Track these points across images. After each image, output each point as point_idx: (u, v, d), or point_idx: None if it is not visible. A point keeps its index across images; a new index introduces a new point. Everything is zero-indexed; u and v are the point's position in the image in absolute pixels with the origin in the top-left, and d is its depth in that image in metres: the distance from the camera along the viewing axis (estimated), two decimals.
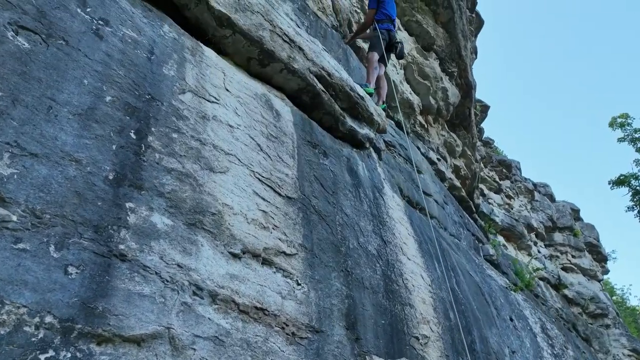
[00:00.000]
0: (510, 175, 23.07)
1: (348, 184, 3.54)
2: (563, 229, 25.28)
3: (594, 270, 25.77)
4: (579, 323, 22.01)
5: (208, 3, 3.12)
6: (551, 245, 24.25)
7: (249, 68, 3.57)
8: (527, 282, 17.32)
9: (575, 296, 22.94)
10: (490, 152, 21.96)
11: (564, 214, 26.18)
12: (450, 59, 9.25)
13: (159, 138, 2.08)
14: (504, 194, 22.24)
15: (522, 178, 24.31)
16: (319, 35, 4.88)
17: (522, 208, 22.91)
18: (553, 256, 24.24)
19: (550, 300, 19.78)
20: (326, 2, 5.20)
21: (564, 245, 24.74)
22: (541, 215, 24.25)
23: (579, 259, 25.15)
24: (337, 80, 4.03)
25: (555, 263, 24.16)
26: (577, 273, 24.80)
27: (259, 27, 3.42)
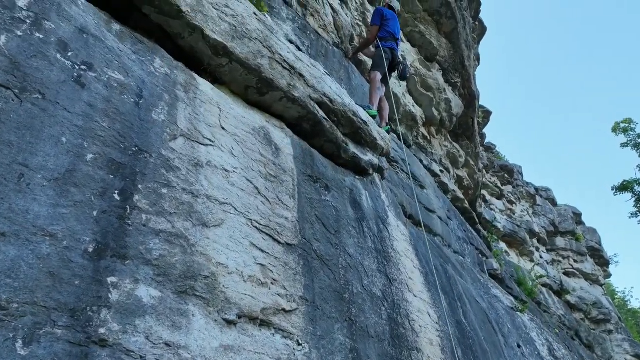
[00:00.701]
0: (512, 181, 22.90)
1: (351, 220, 3.36)
2: (565, 234, 25.13)
3: (596, 275, 25.62)
4: (582, 329, 21.84)
5: (203, 32, 2.94)
6: (553, 250, 24.10)
7: (246, 97, 3.39)
8: (530, 290, 17.18)
9: (578, 302, 22.78)
10: (492, 158, 21.80)
11: (566, 218, 26.04)
12: (453, 70, 9.07)
13: (147, 196, 1.89)
14: (505, 200, 22.08)
15: (524, 183, 24.16)
16: (320, 54, 4.70)
17: (524, 213, 22.76)
18: (555, 261, 24.08)
19: (553, 307, 19.62)
20: (327, 19, 5.02)
21: (566, 250, 24.57)
22: (543, 220, 24.09)
23: (581, 264, 24.99)
24: (339, 106, 3.84)
25: (557, 268, 24.01)
26: (579, 278, 24.64)
27: (257, 55, 3.24)
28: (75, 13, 2.18)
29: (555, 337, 8.20)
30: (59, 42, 1.93)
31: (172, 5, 2.80)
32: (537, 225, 22.45)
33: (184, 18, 2.86)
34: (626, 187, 20.14)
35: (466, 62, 9.07)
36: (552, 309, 18.78)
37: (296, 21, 4.45)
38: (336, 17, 5.18)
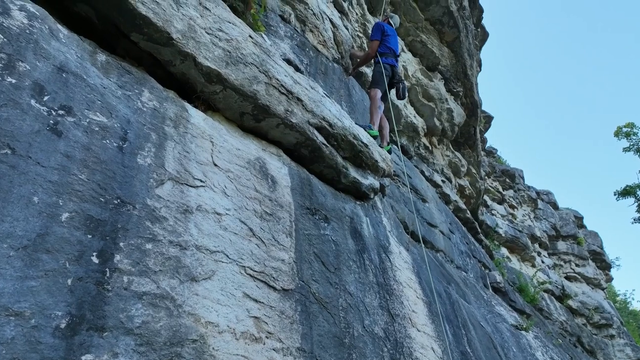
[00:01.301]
0: (513, 185, 22.75)
1: (352, 253, 3.20)
2: (567, 238, 25.00)
3: (597, 279, 25.50)
4: (584, 335, 21.70)
5: (195, 59, 2.78)
6: (555, 254, 23.97)
7: (242, 123, 3.24)
8: (532, 297, 17.04)
9: (580, 307, 22.66)
10: (494, 162, 21.65)
11: (568, 222, 25.91)
12: (455, 79, 8.91)
13: (129, 254, 1.73)
14: (507, 204, 21.95)
15: (525, 187, 24.02)
16: (319, 71, 4.54)
17: (525, 218, 22.63)
18: (557, 265, 23.96)
19: (555, 313, 19.48)
20: (327, 34, 4.86)
21: (568, 254, 24.45)
22: (544, 224, 23.97)
23: (582, 268, 24.86)
24: (339, 130, 3.69)
25: (559, 272, 23.89)
26: (580, 282, 24.53)
27: (253, 81, 3.08)
28: (55, 49, 2.03)
29: (560, 352, 8.04)
30: (34, 85, 1.77)
31: (161, 33, 2.64)
32: (538, 230, 22.31)
33: (174, 46, 2.70)
34: (629, 192, 19.97)
35: (468, 71, 8.91)
36: (554, 315, 18.64)
37: (294, 38, 4.29)
38: (336, 31, 5.02)
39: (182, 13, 2.83)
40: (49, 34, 2.07)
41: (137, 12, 2.54)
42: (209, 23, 2.98)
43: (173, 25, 2.69)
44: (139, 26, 2.60)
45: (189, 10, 2.89)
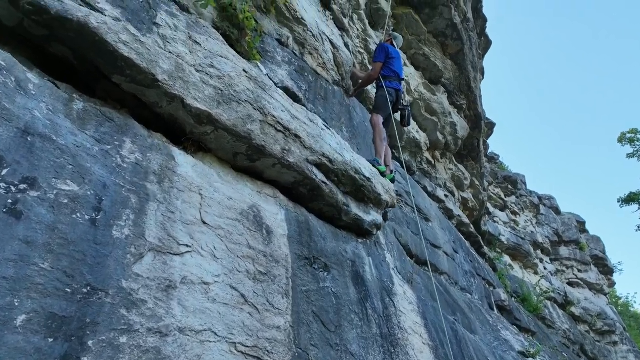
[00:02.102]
0: (515, 191, 22.54)
1: (354, 304, 2.97)
2: (569, 243, 24.81)
3: (600, 284, 25.31)
4: (587, 342, 21.47)
5: (183, 101, 2.56)
6: (557, 260, 23.78)
7: (235, 163, 3.01)
8: (535, 306, 16.84)
9: (582, 313, 22.46)
10: (496, 169, 21.43)
11: (570, 227, 25.72)
12: (459, 92, 8.69)
13: (99, 354, 1.50)
14: (509, 211, 21.75)
15: (527, 192, 23.82)
16: (318, 97, 4.31)
17: (527, 224, 22.43)
18: (559, 271, 23.76)
19: (558, 321, 19.28)
20: (326, 56, 4.63)
21: (570, 260, 24.26)
22: (547, 229, 23.77)
23: (585, 274, 24.66)
24: (340, 165, 3.46)
25: (561, 278, 23.70)
26: (583, 288, 24.34)
27: (247, 120, 2.85)
28: (20, 107, 1.80)
29: None
30: None
31: (146, 75, 2.42)
32: (540, 236, 22.11)
33: (160, 88, 2.47)
34: (632, 199, 19.74)
35: (472, 83, 8.69)
36: (557, 323, 18.43)
37: (292, 63, 4.06)
38: (336, 53, 4.79)
39: (169, 50, 2.61)
40: (14, 89, 1.84)
41: (118, 54, 2.31)
42: (199, 59, 2.75)
43: (159, 66, 2.46)
44: (120, 68, 2.37)
45: (177, 46, 2.67)
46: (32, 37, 2.26)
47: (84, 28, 2.21)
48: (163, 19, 2.72)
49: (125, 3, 2.58)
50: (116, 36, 2.31)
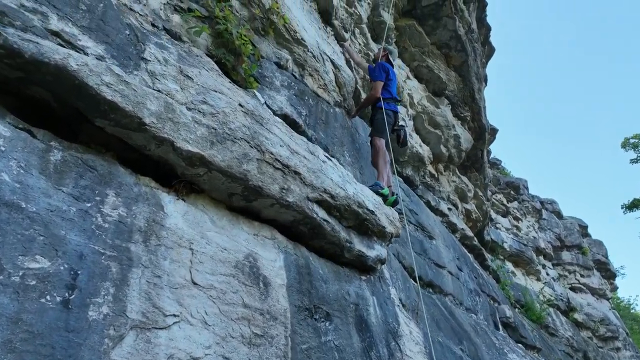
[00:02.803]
0: (517, 197, 22.36)
1: (357, 355, 2.77)
2: (571, 248, 24.66)
3: (602, 289, 25.17)
4: (590, 349, 21.30)
5: (173, 144, 2.35)
6: (559, 265, 23.63)
7: (231, 203, 2.81)
8: (538, 315, 16.68)
9: (585, 319, 22.30)
10: (498, 174, 21.24)
11: (572, 231, 25.57)
12: (463, 103, 8.48)
13: None
14: (511, 216, 21.58)
15: (530, 197, 23.65)
16: (319, 121, 4.11)
17: (529, 229, 22.26)
18: (561, 276, 23.61)
19: (561, 329, 19.12)
20: (327, 77, 4.43)
21: (572, 265, 24.11)
22: (549, 234, 23.61)
23: (587, 278, 24.51)
24: (342, 200, 3.26)
25: (564, 283, 23.56)
26: (585, 293, 24.19)
27: (243, 160, 2.65)
28: None
29: None
30: None
31: (132, 118, 2.22)
32: (542, 241, 21.94)
33: (147, 131, 2.27)
34: (636, 205, 19.54)
35: (476, 95, 8.48)
36: (560, 331, 18.25)
37: (292, 87, 3.86)
38: (338, 73, 4.58)
39: (158, 89, 2.40)
40: None
41: (101, 98, 2.11)
42: (190, 96, 2.55)
43: (146, 107, 2.26)
44: (104, 112, 2.17)
45: (166, 83, 2.46)
46: (6, 80, 2.06)
47: (62, 71, 2.01)
48: (152, 52, 2.52)
49: (110, 38, 2.38)
50: (98, 78, 2.10)
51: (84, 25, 2.27)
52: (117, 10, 2.52)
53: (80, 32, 2.23)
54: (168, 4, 2.99)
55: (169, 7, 2.99)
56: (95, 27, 2.32)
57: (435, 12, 7.10)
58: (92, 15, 2.33)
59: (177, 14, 3.04)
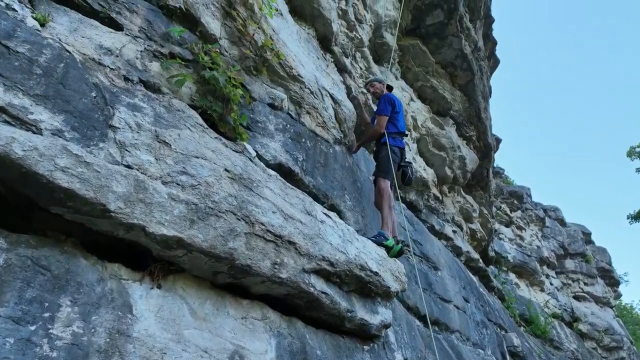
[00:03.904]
0: (521, 206, 22.04)
1: None
2: (575, 256, 24.38)
3: (606, 297, 24.89)
4: None
5: (145, 229, 2.01)
6: (562, 273, 23.35)
7: (215, 281, 2.47)
8: (543, 329, 16.42)
9: (590, 329, 22.02)
10: (501, 183, 20.90)
11: (576, 239, 25.30)
12: (468, 123, 8.14)
13: None
14: (515, 226, 21.28)
15: (533, 205, 23.34)
16: (317, 165, 3.76)
17: (533, 238, 21.95)
18: (565, 284, 23.33)
19: (566, 341, 18.82)
20: (327, 114, 4.08)
21: (576, 273, 23.83)
22: (552, 242, 23.32)
23: (591, 287, 24.22)
24: (343, 266, 2.91)
25: (567, 292, 23.27)
26: (589, 301, 23.91)
27: (229, 236, 2.31)
28: None
29: None
30: None
31: (94, 205, 1.87)
32: (546, 249, 21.64)
33: (113, 218, 1.93)
34: None
35: (482, 114, 8.14)
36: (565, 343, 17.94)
37: (287, 130, 3.52)
38: (338, 108, 4.23)
39: (127, 164, 2.06)
40: None
41: (55, 186, 1.77)
42: (167, 167, 2.20)
43: (111, 191, 1.91)
44: (59, 200, 1.83)
45: (138, 155, 2.12)
46: None
47: (5, 160, 1.66)
48: (122, 118, 2.17)
49: (72, 104, 2.03)
50: (51, 163, 1.76)
51: (39, 93, 1.92)
52: (82, 68, 2.18)
53: (33, 103, 1.88)
54: (146, 51, 2.64)
55: (147, 54, 2.64)
56: (53, 94, 1.98)
57: (440, 31, 6.75)
58: (49, 80, 1.99)
59: (157, 60, 2.69)
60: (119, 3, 2.62)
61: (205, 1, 3.05)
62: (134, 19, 2.66)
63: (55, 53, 2.07)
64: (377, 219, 4.49)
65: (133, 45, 2.58)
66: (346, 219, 3.93)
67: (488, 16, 8.06)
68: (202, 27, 3.02)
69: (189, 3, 2.94)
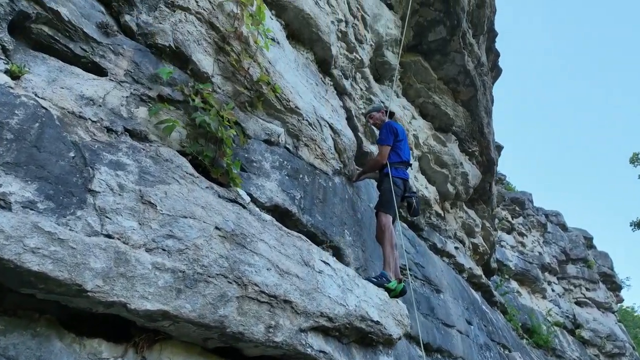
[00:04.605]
0: (522, 212, 21.89)
1: None
2: (576, 261, 24.27)
3: (608, 303, 24.76)
4: None
5: (127, 306, 1.84)
6: (564, 278, 23.22)
7: (205, 346, 2.30)
8: (545, 339, 16.29)
9: (592, 336, 21.89)
10: (502, 190, 20.73)
11: (577, 244, 25.18)
12: (471, 138, 7.97)
13: None
14: (516, 232, 21.14)
15: (534, 210, 23.21)
16: (316, 201, 3.60)
17: (534, 244, 21.82)
18: (567, 290, 23.19)
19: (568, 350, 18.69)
20: (326, 145, 3.91)
21: (578, 278, 23.71)
22: (554, 248, 23.21)
23: (593, 292, 24.09)
24: (343, 319, 2.74)
25: (569, 298, 23.15)
26: (591, 307, 23.79)
27: (219, 303, 2.14)
28: None
29: None
30: None
31: (68, 286, 1.70)
32: (548, 255, 21.52)
33: (91, 297, 1.76)
34: None
35: (485, 129, 7.97)
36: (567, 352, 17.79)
37: (284, 166, 3.35)
38: (337, 138, 4.06)
39: (107, 232, 1.89)
40: None
41: (23, 270, 1.60)
42: (152, 232, 2.03)
43: (88, 268, 1.75)
44: (30, 282, 1.67)
45: (120, 222, 1.95)
46: None
47: None
48: (102, 180, 2.00)
49: (47, 169, 1.86)
50: (19, 245, 1.60)
51: (9, 161, 1.75)
52: (60, 125, 2.01)
53: (2, 173, 1.72)
54: (132, 96, 2.48)
55: (134, 99, 2.48)
56: (25, 160, 1.81)
57: (442, 48, 6.59)
58: (22, 144, 1.82)
59: (145, 105, 2.52)
60: (103, 46, 2.45)
61: (196, 37, 2.88)
62: (120, 62, 2.49)
63: (29, 112, 1.90)
64: (378, 250, 4.32)
65: (118, 91, 2.41)
66: (346, 256, 3.76)
67: (491, 30, 7.89)
68: (194, 65, 2.85)
69: (179, 41, 2.78)
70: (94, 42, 2.41)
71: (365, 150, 5.65)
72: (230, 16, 3.08)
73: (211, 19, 2.96)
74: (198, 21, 2.92)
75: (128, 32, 2.67)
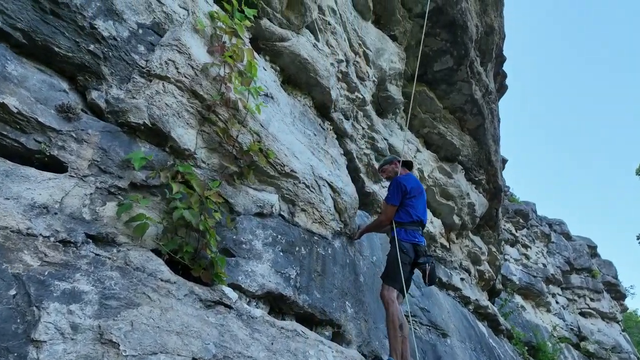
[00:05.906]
0: (526, 224, 21.54)
1: None
2: (580, 271, 23.94)
3: (613, 312, 24.45)
4: None
5: None
6: (568, 289, 22.89)
7: None
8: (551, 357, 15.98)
9: (597, 349, 21.57)
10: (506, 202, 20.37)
11: (581, 253, 24.86)
12: (477, 167, 7.60)
13: None
14: (520, 245, 20.79)
15: (538, 221, 22.87)
16: (314, 276, 3.23)
17: (539, 256, 21.47)
18: (571, 300, 22.86)
19: None
20: (324, 206, 3.55)
21: (582, 288, 23.38)
22: (558, 258, 22.86)
23: (597, 302, 23.76)
24: None
25: (573, 308, 22.81)
26: (596, 318, 23.48)
27: None
28: None
29: None
30: None
31: None
32: (552, 266, 21.17)
33: None
34: None
35: (492, 157, 7.60)
36: None
37: (278, 242, 2.99)
38: (337, 197, 3.70)
39: None
40: None
41: None
42: None
43: None
44: None
45: None
46: None
47: None
48: (50, 323, 1.64)
49: None
50: None
51: None
52: (2, 254, 1.65)
53: None
54: (98, 191, 2.11)
55: (100, 195, 2.11)
56: None
57: (448, 77, 6.22)
58: None
59: (113, 199, 2.16)
60: (63, 134, 2.09)
61: (176, 110, 2.52)
62: (83, 151, 2.13)
63: None
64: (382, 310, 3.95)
65: (80, 188, 2.05)
66: (347, 333, 3.40)
67: (499, 55, 7.52)
68: (173, 142, 2.49)
69: (156, 116, 2.41)
70: (51, 132, 2.05)
71: (367, 190, 5.29)
72: (216, 80, 2.71)
73: (194, 86, 2.59)
74: (179, 90, 2.55)
75: (96, 111, 2.31)
